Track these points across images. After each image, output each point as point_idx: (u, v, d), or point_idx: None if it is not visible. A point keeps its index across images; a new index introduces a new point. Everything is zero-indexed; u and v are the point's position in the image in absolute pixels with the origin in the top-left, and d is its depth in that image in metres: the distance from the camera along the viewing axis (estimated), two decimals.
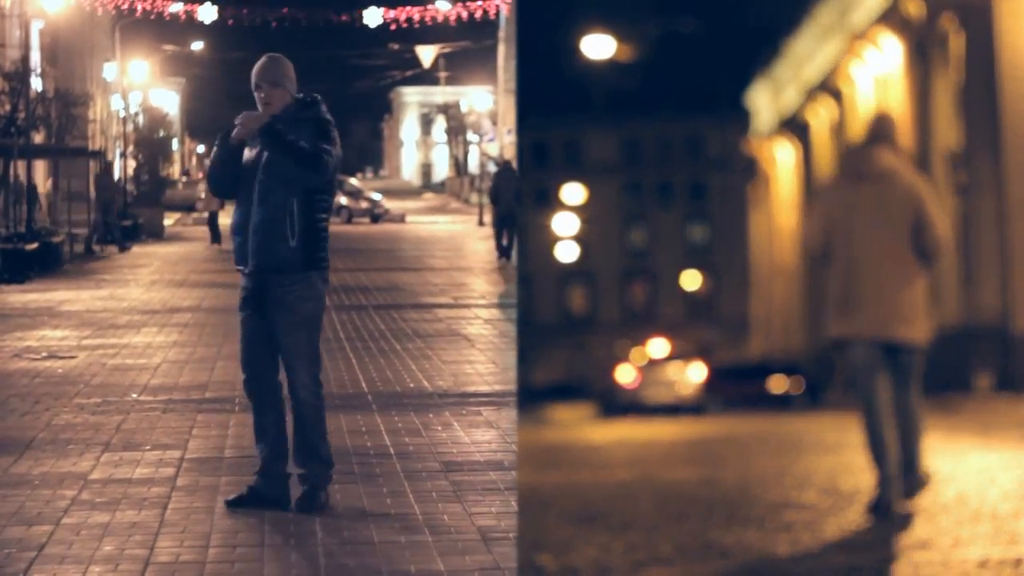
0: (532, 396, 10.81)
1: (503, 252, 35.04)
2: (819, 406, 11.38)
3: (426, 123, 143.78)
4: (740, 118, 11.56)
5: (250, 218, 8.86)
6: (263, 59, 9.13)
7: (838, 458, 11.32)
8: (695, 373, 11.66)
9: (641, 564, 7.49)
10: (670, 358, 11.58)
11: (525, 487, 9.31)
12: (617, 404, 11.52)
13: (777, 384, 11.79)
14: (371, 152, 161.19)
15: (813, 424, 11.62)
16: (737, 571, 7.42)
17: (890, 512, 8.70)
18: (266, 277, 8.89)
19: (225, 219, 37.86)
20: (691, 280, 11.42)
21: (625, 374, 11.63)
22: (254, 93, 9.05)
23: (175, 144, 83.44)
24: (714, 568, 7.47)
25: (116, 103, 66.15)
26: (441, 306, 23.52)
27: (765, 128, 11.48)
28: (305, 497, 8.96)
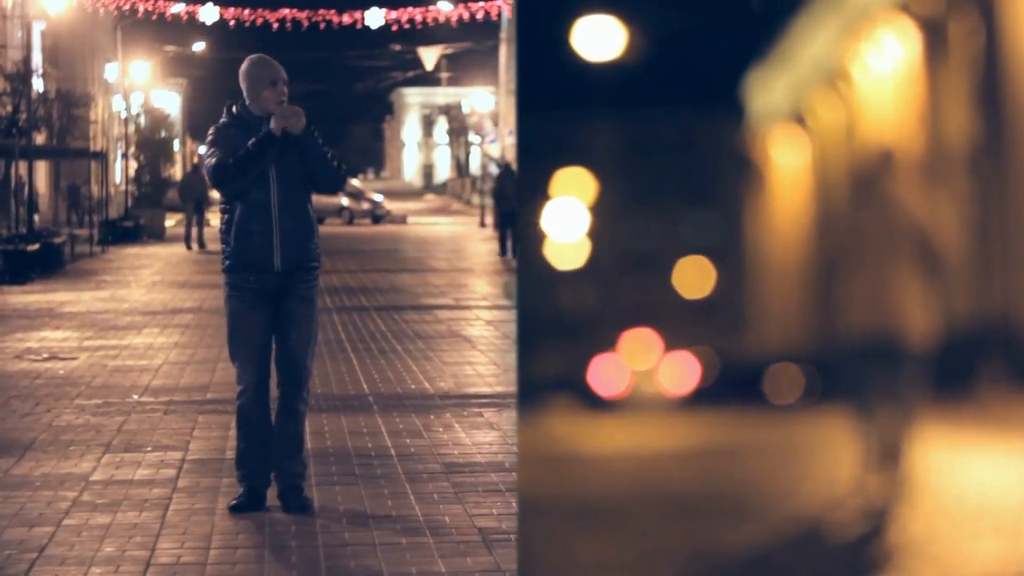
0: (531, 393, 10.76)
1: (504, 251, 35.47)
2: (820, 403, 11.36)
3: (428, 124, 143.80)
4: (740, 111, 11.55)
5: (271, 219, 8.88)
6: (267, 58, 9.12)
7: (838, 456, 11.31)
8: (692, 368, 11.66)
9: (640, 561, 7.49)
10: (666, 352, 11.55)
11: (524, 486, 9.30)
12: (612, 400, 11.49)
13: (778, 380, 11.78)
14: (372, 153, 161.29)
15: (813, 421, 11.62)
16: (736, 569, 7.42)
17: (870, 506, 9.02)
18: (291, 275, 8.96)
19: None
20: (688, 275, 11.39)
21: (616, 369, 11.60)
22: (270, 87, 8.99)
23: (176, 145, 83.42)
24: (713, 566, 7.46)
25: (118, 104, 66.16)
26: (442, 307, 23.52)
27: (767, 121, 11.48)
28: (294, 494, 8.92)
